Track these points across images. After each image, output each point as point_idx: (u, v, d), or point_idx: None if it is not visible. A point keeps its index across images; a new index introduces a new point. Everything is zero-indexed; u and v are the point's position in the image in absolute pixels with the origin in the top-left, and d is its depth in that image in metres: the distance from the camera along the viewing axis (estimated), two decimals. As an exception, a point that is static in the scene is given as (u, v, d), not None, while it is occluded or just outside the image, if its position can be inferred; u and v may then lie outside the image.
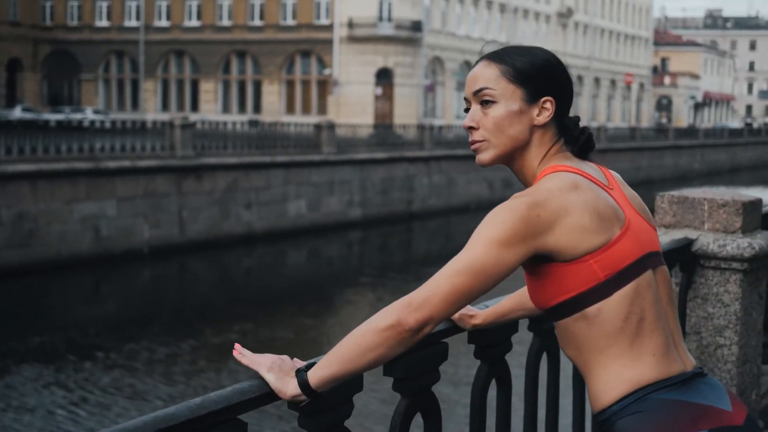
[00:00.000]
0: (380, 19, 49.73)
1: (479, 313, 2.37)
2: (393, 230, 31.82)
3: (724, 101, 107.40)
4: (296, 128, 33.36)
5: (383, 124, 44.63)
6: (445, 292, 1.84)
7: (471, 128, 2.10)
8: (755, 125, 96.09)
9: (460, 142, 39.73)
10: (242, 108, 53.87)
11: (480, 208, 36.32)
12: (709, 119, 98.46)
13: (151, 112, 53.21)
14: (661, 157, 55.74)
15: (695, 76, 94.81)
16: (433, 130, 37.21)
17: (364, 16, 49.77)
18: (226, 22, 54.22)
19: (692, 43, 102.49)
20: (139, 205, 23.73)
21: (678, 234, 3.76)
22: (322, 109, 50.93)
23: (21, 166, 21.32)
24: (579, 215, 1.92)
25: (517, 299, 2.40)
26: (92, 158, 22.94)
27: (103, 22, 57.47)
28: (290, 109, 52.61)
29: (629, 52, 79.33)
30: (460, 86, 56.05)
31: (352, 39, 50.03)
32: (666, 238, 3.74)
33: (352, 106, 49.58)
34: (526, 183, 2.13)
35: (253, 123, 40.11)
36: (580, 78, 69.43)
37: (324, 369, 1.81)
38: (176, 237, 24.70)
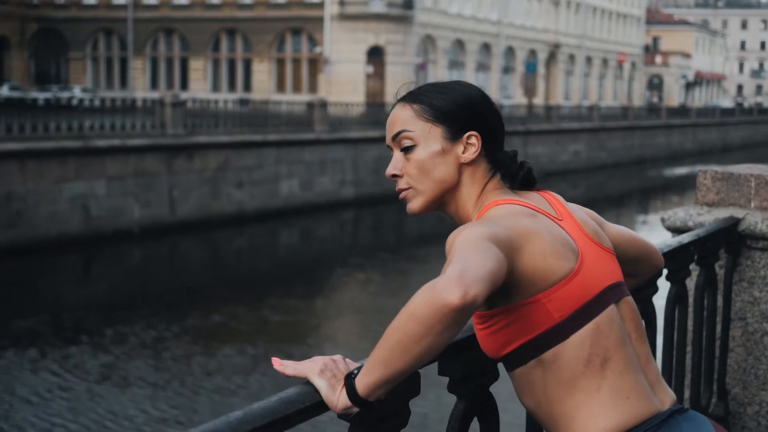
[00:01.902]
0: (371, -4, 49.32)
1: None
2: (386, 210, 31.57)
3: (715, 80, 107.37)
4: (288, 107, 33.05)
5: (375, 102, 44.31)
6: (476, 263, 1.54)
7: (394, 176, 1.92)
8: (746, 105, 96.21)
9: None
10: (232, 86, 53.48)
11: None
12: (700, 98, 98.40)
13: (140, 90, 52.74)
14: (653, 137, 55.56)
15: (687, 55, 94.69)
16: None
17: (355, -7, 49.36)
18: (215, -1, 53.74)
19: (684, 22, 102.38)
20: (129, 184, 23.42)
21: (723, 213, 3.51)
22: (313, 88, 50.57)
23: (9, 145, 20.96)
24: (540, 241, 1.74)
25: None
26: (81, 137, 22.59)
27: (91, 0, 56.88)
28: (281, 87, 52.24)
29: (621, 30, 79.05)
30: (452, 65, 55.77)
31: (343, 17, 49.62)
32: (710, 217, 3.49)
33: (343, 85, 49.23)
34: None
35: (243, 102, 39.76)
36: (572, 57, 69.14)
37: (369, 375, 1.54)
38: (167, 217, 24.41)
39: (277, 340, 15.25)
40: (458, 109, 1.89)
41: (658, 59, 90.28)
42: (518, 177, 1.94)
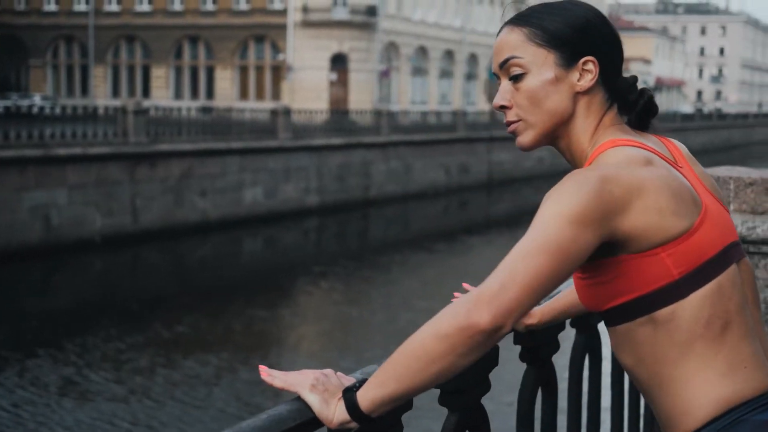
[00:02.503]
0: (335, 3, 49.23)
1: (534, 312, 2.00)
2: (350, 217, 31.48)
3: (675, 86, 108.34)
4: (251, 114, 32.86)
5: (339, 110, 44.20)
6: (524, 277, 1.45)
7: (502, 107, 1.76)
8: (705, 110, 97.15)
9: (416, 128, 39.50)
10: (195, 94, 53.12)
11: (437, 194, 36.15)
12: (660, 104, 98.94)
13: (102, 98, 52.25)
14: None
15: (647, 62, 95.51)
16: (389, 116, 36.85)
17: (319, 0, 49.27)
18: (177, 6, 53.37)
19: (644, 29, 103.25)
20: (91, 193, 23.13)
21: (704, 215, 3.43)
22: (276, 95, 50.36)
23: (-33, 153, 20.64)
24: (656, 195, 1.58)
25: (574, 294, 2.02)
26: (42, 145, 22.28)
27: (52, 7, 56.30)
28: (244, 95, 51.98)
29: (582, 37, 79.44)
30: (416, 71, 55.80)
31: (307, 24, 49.48)
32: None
33: (307, 92, 49.07)
34: (577, 165, 1.77)
35: (206, 109, 39.50)
36: (534, 64, 69.47)
37: (378, 388, 1.43)
38: (129, 226, 24.14)
39: (240, 351, 15.09)
40: (573, 32, 1.72)
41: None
42: (638, 107, 1.78)
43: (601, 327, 2.37)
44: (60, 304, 19.24)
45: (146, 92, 53.26)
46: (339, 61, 49.90)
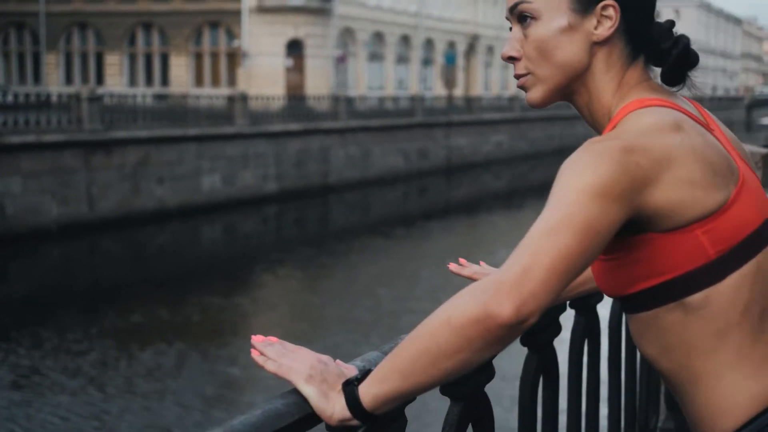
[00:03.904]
0: (290, -11, 48.85)
1: None
2: (309, 203, 31.27)
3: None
4: (207, 101, 32.51)
5: (296, 95, 43.89)
6: (550, 257, 1.26)
7: (511, 58, 1.56)
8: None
9: (374, 114, 39.32)
10: (149, 81, 52.48)
11: (397, 180, 36.03)
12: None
13: (54, 86, 51.45)
14: (572, 126, 56.10)
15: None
16: (347, 102, 36.65)
17: (274, -14, 48.85)
18: (130, -8, 52.66)
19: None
20: (46, 181, 22.73)
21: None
22: (232, 82, 49.89)
23: None
24: (688, 165, 1.40)
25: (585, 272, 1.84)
26: (-6, 133, 21.87)
27: (1, -7, 55.34)
28: (199, 81, 51.44)
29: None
30: (372, 57, 55.56)
31: (262, 9, 49.05)
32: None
33: (263, 78, 48.66)
34: (597, 126, 1.58)
35: (161, 97, 39.04)
36: (490, 48, 69.48)
37: (382, 384, 1.27)
38: (86, 214, 23.78)
39: (199, 340, 14.90)
40: None
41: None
42: (671, 57, 1.57)
43: (600, 307, 2.26)
44: (15, 294, 18.90)
45: (100, 80, 52.52)
46: (295, 47, 49.53)
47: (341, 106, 35.45)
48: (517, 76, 1.59)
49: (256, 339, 1.38)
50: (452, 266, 1.95)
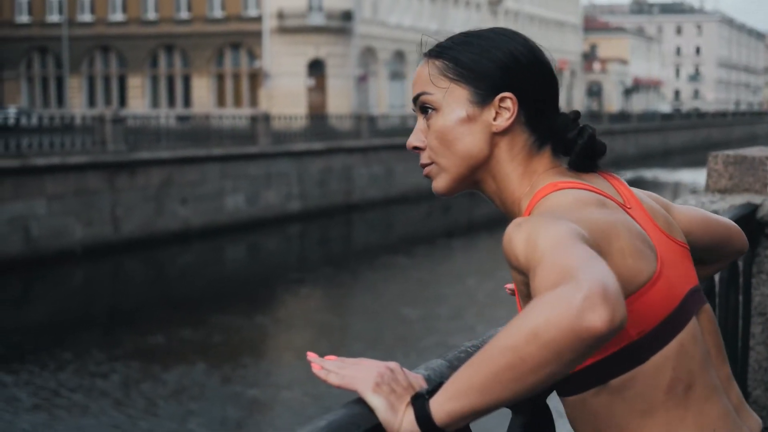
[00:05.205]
0: (310, 9, 49.05)
1: None
2: (332, 222, 31.23)
3: (653, 86, 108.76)
4: (230, 121, 32.60)
5: (318, 115, 43.97)
6: (597, 264, 1.18)
7: (416, 148, 1.57)
8: (683, 110, 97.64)
9: (397, 132, 39.29)
10: (172, 103, 52.79)
11: (420, 198, 35.95)
12: (638, 104, 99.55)
13: (78, 109, 51.83)
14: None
15: (624, 62, 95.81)
16: (369, 120, 36.66)
17: (294, 6, 49.05)
18: (152, 15, 53.05)
19: (620, 29, 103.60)
20: (71, 203, 22.79)
21: (738, 199, 3.24)
22: (254, 102, 50.12)
23: (-57, 165, 20.29)
24: (624, 238, 1.38)
25: None
26: (19, 156, 21.93)
27: (24, 18, 55.82)
28: (221, 102, 51.71)
29: (560, 38, 79.67)
30: (394, 76, 55.64)
31: (283, 30, 49.26)
32: (724, 204, 3.21)
33: (284, 99, 48.84)
34: (509, 214, 1.54)
35: (183, 118, 39.19)
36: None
37: (457, 400, 1.17)
38: (110, 236, 23.81)
39: (223, 361, 14.81)
40: (491, 65, 1.53)
41: (597, 66, 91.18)
42: (577, 147, 1.54)
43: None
44: (40, 317, 18.89)
45: (123, 102, 52.89)
46: (316, 67, 49.70)
47: (363, 125, 35.46)
48: (423, 166, 1.59)
49: (312, 355, 1.31)
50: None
